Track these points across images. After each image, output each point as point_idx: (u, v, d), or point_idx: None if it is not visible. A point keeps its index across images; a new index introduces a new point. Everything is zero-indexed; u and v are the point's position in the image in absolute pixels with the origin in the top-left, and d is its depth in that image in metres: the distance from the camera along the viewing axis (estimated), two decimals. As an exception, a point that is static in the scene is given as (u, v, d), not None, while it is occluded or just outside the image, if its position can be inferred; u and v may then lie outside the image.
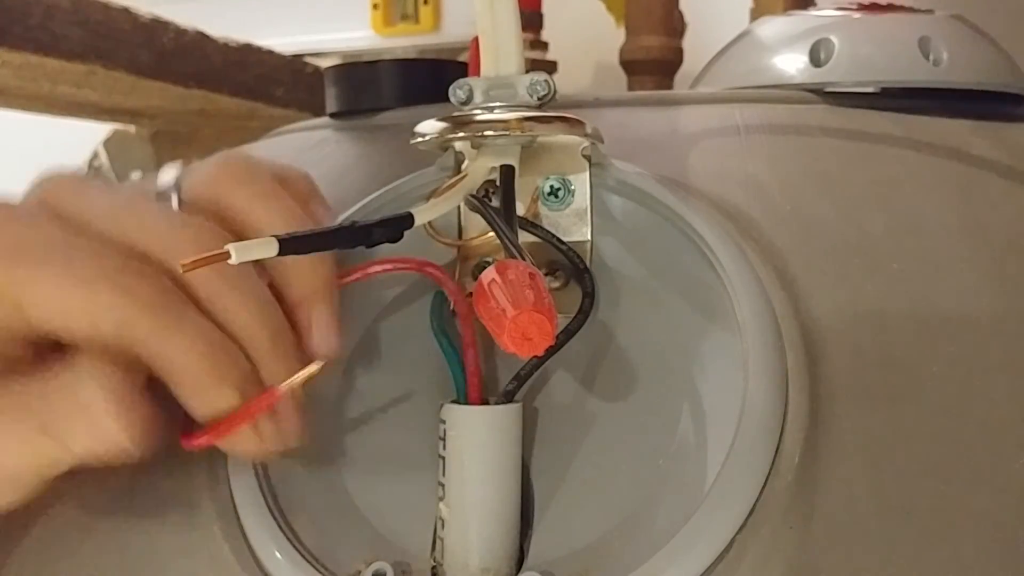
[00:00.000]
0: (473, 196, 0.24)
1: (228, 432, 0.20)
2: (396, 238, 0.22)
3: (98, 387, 0.19)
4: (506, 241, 0.22)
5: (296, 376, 0.21)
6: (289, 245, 0.19)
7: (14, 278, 0.20)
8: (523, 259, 0.21)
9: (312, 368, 0.21)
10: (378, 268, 0.24)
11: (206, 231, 0.21)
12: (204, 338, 0.20)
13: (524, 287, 0.19)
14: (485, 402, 0.23)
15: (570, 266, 0.25)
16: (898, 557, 0.20)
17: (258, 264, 0.22)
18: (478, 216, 0.25)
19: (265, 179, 0.23)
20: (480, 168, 0.25)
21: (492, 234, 0.25)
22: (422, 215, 0.22)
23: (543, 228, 0.26)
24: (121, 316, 0.19)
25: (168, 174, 0.24)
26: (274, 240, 0.19)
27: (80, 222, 0.21)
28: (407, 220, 0.22)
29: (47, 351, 0.21)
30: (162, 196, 0.23)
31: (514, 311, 0.18)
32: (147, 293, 0.20)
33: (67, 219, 0.21)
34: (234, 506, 0.23)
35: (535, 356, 0.19)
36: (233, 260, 0.18)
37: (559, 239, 0.25)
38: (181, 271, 0.18)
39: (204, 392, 0.20)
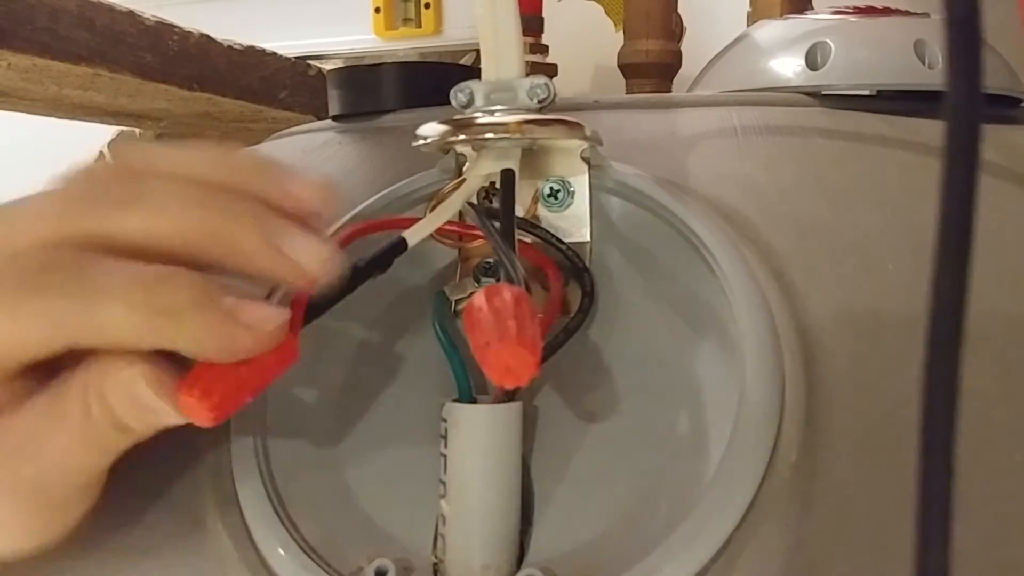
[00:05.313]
0: (471, 204, 0.25)
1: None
2: (389, 265, 0.22)
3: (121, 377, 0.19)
4: (501, 254, 0.23)
5: None
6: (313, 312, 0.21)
7: None
8: (515, 272, 0.21)
9: None
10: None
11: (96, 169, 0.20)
12: (136, 284, 0.18)
13: (508, 317, 0.19)
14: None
15: (569, 266, 0.26)
16: (893, 554, 0.20)
17: None
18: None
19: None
20: (475, 178, 0.25)
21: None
22: (414, 236, 0.23)
23: (543, 229, 0.26)
24: (45, 322, 0.18)
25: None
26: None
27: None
28: (400, 246, 0.22)
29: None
30: None
31: (496, 343, 0.18)
32: (61, 285, 0.18)
33: None
34: (237, 502, 0.23)
35: (518, 386, 0.19)
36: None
37: (559, 239, 0.26)
38: None
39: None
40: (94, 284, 0.18)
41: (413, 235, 0.23)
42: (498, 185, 0.25)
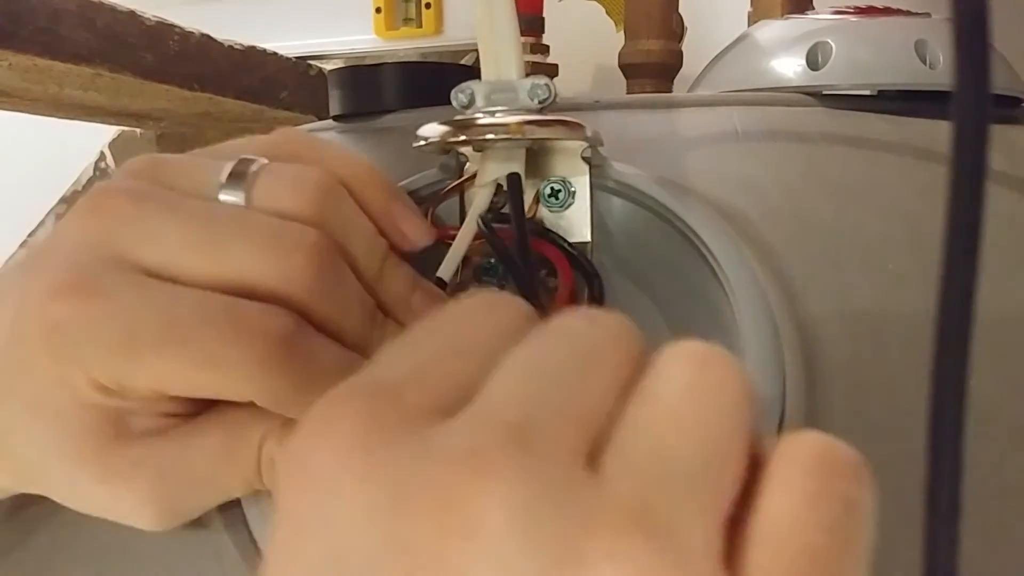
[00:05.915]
0: (482, 221, 0.25)
1: None
2: None
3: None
4: (517, 275, 0.23)
5: None
6: None
7: (127, 371, 0.19)
8: (533, 289, 0.22)
9: None
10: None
11: (314, 245, 0.20)
12: (338, 367, 0.20)
13: None
14: None
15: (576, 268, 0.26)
16: (894, 553, 0.20)
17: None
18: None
19: (343, 199, 0.22)
20: (484, 188, 0.25)
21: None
22: (446, 271, 0.24)
23: (551, 232, 0.26)
24: (252, 379, 0.19)
25: (228, 170, 0.21)
26: None
27: (161, 268, 0.20)
28: (440, 285, 0.23)
29: None
30: (228, 190, 0.21)
31: None
32: (265, 342, 0.19)
33: (145, 267, 0.20)
34: (238, 498, 0.23)
35: None
36: None
37: (568, 242, 0.26)
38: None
39: None
40: (304, 375, 0.19)
41: (446, 270, 0.24)
42: (504, 188, 0.25)
